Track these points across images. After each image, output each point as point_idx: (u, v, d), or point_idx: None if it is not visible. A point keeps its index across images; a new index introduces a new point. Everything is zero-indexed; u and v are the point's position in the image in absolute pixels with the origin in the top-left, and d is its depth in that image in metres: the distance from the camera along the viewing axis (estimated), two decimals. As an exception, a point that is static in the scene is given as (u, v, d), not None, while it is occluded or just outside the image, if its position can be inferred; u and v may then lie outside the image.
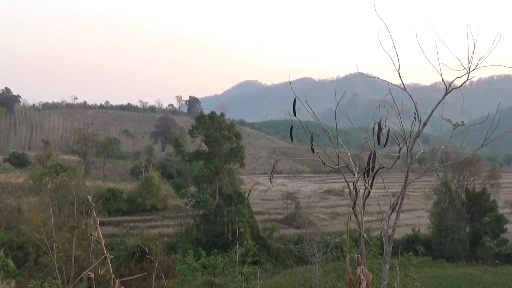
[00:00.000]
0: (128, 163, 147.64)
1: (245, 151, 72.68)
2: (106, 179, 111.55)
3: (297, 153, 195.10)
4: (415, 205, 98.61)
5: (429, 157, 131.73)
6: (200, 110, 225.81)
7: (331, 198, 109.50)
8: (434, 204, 71.43)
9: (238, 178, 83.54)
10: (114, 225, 77.01)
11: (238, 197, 68.67)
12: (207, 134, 68.78)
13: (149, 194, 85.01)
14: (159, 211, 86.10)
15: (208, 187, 68.73)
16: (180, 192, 70.43)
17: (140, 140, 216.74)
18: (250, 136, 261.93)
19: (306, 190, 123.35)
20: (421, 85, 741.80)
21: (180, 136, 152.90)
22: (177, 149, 71.49)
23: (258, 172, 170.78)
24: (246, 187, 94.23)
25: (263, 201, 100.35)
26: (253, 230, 66.65)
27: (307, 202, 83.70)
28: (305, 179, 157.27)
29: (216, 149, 67.76)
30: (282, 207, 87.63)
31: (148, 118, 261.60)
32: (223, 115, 72.56)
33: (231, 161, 70.22)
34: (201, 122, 69.66)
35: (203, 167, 69.02)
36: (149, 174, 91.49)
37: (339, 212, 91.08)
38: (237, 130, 73.29)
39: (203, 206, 65.73)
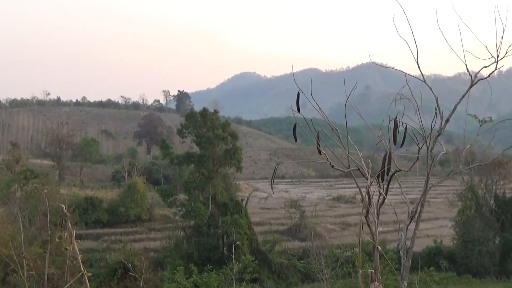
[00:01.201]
0: (109, 168, 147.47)
1: (242, 153, 72.63)
2: (84, 186, 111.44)
3: (301, 155, 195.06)
4: (437, 213, 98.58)
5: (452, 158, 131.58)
6: (191, 106, 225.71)
7: (341, 206, 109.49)
8: (459, 212, 71.42)
9: (234, 183, 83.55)
10: (93, 238, 76.89)
11: (235, 206, 68.61)
12: (199, 134, 68.74)
13: (132, 203, 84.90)
14: (144, 222, 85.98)
15: (200, 195, 68.67)
16: (168, 200, 70.37)
17: (122, 142, 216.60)
18: (247, 136, 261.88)
19: (312, 197, 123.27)
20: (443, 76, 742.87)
21: (168, 137, 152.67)
22: (165, 151, 71.44)
23: (257, 177, 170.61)
24: (243, 194, 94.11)
25: (263, 210, 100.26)
26: (252, 243, 66.59)
27: (314, 210, 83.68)
28: (311, 185, 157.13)
29: (209, 151, 67.72)
30: (285, 217, 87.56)
31: (131, 116, 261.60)
32: (217, 112, 72.50)
33: (226, 165, 70.15)
34: (191, 120, 69.63)
35: (194, 172, 68.96)
36: (133, 180, 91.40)
37: (350, 222, 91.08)
38: (232, 129, 73.24)
39: (195, 216, 65.69)
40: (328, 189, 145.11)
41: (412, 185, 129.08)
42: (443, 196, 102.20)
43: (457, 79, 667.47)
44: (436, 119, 6.05)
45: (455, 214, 72.70)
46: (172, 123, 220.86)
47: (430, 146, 6.08)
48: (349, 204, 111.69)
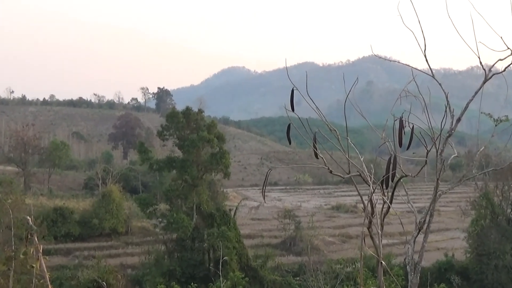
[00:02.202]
0: (80, 175, 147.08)
1: (230, 157, 72.59)
2: (52, 195, 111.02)
3: (296, 159, 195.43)
4: (448, 223, 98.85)
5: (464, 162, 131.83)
6: (172, 105, 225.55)
7: (341, 216, 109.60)
8: (472, 222, 71.55)
9: (221, 192, 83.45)
10: (63, 254, 76.58)
11: (222, 217, 68.53)
12: (181, 136, 68.65)
13: (107, 214, 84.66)
14: (120, 236, 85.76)
15: (183, 204, 68.56)
16: (148, 210, 70.16)
17: (96, 145, 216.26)
18: (236, 138, 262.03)
19: (308, 206, 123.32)
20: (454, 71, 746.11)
21: (147, 139, 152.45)
22: (143, 156, 71.29)
23: (247, 184, 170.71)
24: (232, 203, 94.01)
25: (254, 221, 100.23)
26: (242, 258, 66.54)
27: (310, 221, 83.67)
28: (307, 192, 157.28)
29: (193, 155, 67.65)
30: (278, 229, 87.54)
31: (105, 117, 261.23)
32: (202, 112, 72.44)
33: (212, 170, 70.07)
34: (173, 120, 69.53)
35: (177, 179, 68.86)
36: (108, 188, 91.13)
37: (351, 233, 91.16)
38: (219, 130, 73.17)
39: (177, 229, 65.54)
40: (326, 197, 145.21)
41: (420, 192, 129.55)
42: (454, 204, 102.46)
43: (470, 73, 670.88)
44: (447, 118, 6.06)
45: (468, 224, 72.80)
46: (152, 124, 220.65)
47: (439, 148, 6.10)
48: (350, 214, 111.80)
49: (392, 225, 76.00)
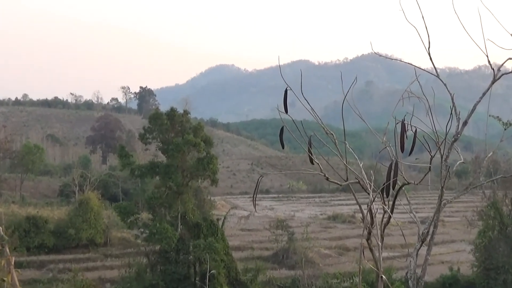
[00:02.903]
0: (55, 181, 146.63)
1: (218, 162, 72.54)
2: (25, 203, 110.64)
3: (290, 164, 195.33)
4: (453, 235, 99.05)
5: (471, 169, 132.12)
6: (155, 106, 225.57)
7: (338, 227, 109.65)
8: (479, 233, 71.68)
9: (208, 200, 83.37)
10: (36, 267, 76.31)
11: (209, 227, 68.48)
12: (165, 139, 68.56)
13: (84, 224, 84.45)
14: (98, 247, 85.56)
15: (167, 213, 68.45)
16: (128, 220, 70.01)
17: (72, 149, 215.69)
18: (225, 142, 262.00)
19: (303, 215, 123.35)
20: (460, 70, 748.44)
21: (128, 143, 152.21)
22: (124, 161, 71.14)
23: (236, 192, 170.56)
24: (220, 212, 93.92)
25: (243, 231, 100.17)
26: (230, 272, 66.49)
27: (305, 232, 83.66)
28: (301, 201, 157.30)
29: (177, 160, 67.55)
30: (270, 240, 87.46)
31: (83, 118, 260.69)
32: (187, 113, 72.37)
33: (198, 177, 69.99)
34: (156, 122, 69.42)
35: (160, 186, 68.75)
36: (85, 195, 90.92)
37: (349, 245, 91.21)
38: (206, 133, 73.12)
39: (160, 240, 65.42)
40: (322, 206, 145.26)
41: (423, 201, 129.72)
42: (460, 214, 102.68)
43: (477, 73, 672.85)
44: (452, 121, 6.08)
45: (475, 236, 72.94)
46: (133, 126, 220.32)
47: (444, 154, 6.11)
48: (348, 224, 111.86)
49: (393, 237, 76.11)
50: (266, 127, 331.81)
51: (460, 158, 6.50)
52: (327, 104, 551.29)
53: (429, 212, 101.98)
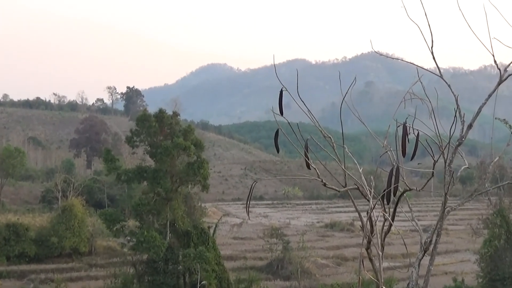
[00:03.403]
0: (37, 186, 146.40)
1: (209, 167, 72.54)
2: (5, 210, 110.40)
3: (285, 169, 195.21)
4: (458, 244, 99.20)
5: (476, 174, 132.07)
6: (143, 107, 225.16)
7: (335, 236, 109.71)
8: (485, 242, 71.76)
9: (199, 207, 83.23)
10: (17, 277, 76.18)
11: (200, 235, 68.47)
12: (154, 142, 68.53)
13: (68, 232, 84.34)
14: (83, 256, 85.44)
15: (155, 221, 68.41)
16: (114, 228, 69.94)
17: (55, 152, 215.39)
18: (216, 145, 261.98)
19: (299, 223, 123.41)
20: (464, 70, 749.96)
21: (114, 146, 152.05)
22: (109, 165, 71.07)
23: (229, 198, 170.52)
24: (211, 220, 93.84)
25: (236, 240, 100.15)
26: (222, 283, 66.47)
27: (301, 241, 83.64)
28: (297, 208, 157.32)
29: (166, 164, 67.53)
30: (263, 249, 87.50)
31: (66, 120, 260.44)
32: (177, 115, 72.36)
33: (188, 182, 69.98)
34: (144, 125, 69.40)
35: (148, 191, 68.71)
36: (68, 201, 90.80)
37: (347, 255, 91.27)
38: (197, 136, 73.14)
39: (148, 249, 65.38)
40: (319, 213, 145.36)
41: (426, 208, 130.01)
42: (464, 222, 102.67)
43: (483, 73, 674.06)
44: (456, 124, 6.09)
45: (480, 245, 73.03)
46: (120, 128, 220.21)
47: (448, 158, 6.12)
48: (346, 232, 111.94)
49: (394, 246, 76.18)
50: (260, 130, 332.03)
51: (464, 163, 6.51)
52: (325, 105, 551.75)
53: (432, 220, 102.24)
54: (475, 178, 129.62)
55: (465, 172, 6.34)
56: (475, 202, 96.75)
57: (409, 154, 5.99)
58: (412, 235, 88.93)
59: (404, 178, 6.05)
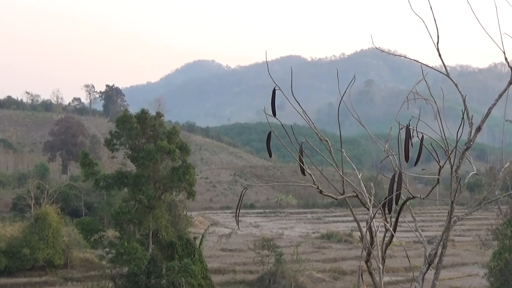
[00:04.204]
0: (8, 192, 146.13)
1: (195, 172, 72.56)
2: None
3: (278, 175, 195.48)
4: (465, 256, 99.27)
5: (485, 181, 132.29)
6: (124, 107, 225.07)
7: (332, 247, 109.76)
8: (494, 255, 71.87)
9: (184, 215, 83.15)
10: (-15, 292, 76.11)
11: (185, 247, 68.46)
12: (135, 145, 68.51)
13: (41, 242, 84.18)
14: (57, 269, 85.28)
15: (137, 231, 68.36)
16: (92, 238, 69.89)
17: (28, 156, 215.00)
18: (203, 149, 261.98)
19: (292, 234, 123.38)
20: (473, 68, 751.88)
21: (92, 149, 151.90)
22: (87, 170, 71.01)
23: (217, 207, 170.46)
24: (197, 230, 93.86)
25: (224, 252, 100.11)
26: (209, 299, 66.44)
27: (295, 253, 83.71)
28: (291, 217, 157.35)
29: (149, 169, 67.51)
30: (254, 262, 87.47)
31: (40, 121, 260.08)
32: (161, 116, 72.35)
33: (173, 189, 69.96)
34: (125, 126, 69.36)
35: (129, 199, 68.68)
36: (42, 210, 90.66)
37: (345, 268, 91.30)
38: (182, 139, 73.15)
39: (129, 261, 65.33)
40: (315, 223, 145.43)
41: (431, 218, 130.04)
42: (472, 233, 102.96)
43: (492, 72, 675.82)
44: (464, 126, 6.10)
45: (489, 258, 73.16)
46: (98, 130, 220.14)
47: (455, 164, 6.13)
48: (344, 244, 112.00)
49: (396, 259, 76.27)
50: (251, 132, 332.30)
51: (472, 169, 6.51)
52: (321, 106, 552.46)
53: (437, 230, 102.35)
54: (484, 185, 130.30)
55: (473, 178, 6.34)
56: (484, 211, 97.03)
57: (413, 159, 6.00)
58: (416, 247, 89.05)
59: (407, 185, 6.06)
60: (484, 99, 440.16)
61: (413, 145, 5.99)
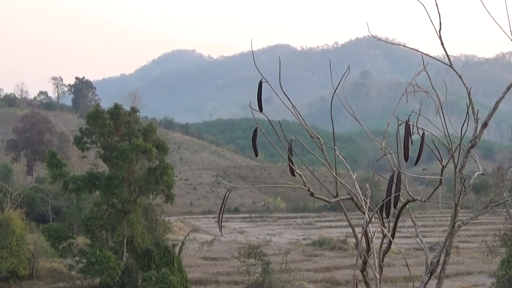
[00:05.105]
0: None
1: (174, 173, 72.53)
2: None
3: (265, 176, 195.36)
4: (470, 265, 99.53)
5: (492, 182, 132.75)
6: (95, 102, 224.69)
7: (325, 255, 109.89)
8: (502, 263, 72.12)
9: (162, 221, 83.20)
10: None
11: (163, 255, 68.43)
12: (108, 144, 68.44)
13: (4, 251, 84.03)
14: (22, 281, 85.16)
15: (110, 238, 68.30)
16: (60, 246, 69.85)
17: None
18: (183, 148, 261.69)
19: (281, 240, 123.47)
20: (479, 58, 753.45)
21: (60, 148, 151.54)
22: (55, 171, 70.92)
23: (198, 211, 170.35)
24: (176, 236, 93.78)
25: (206, 261, 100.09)
26: (190, 312, 66.45)
27: (284, 261, 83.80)
28: (279, 222, 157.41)
29: (123, 170, 67.46)
30: (239, 272, 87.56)
31: (2, 117, 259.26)
32: (136, 111, 72.30)
33: (149, 192, 69.94)
34: (96, 123, 69.29)
35: (101, 203, 68.60)
36: (5, 215, 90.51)
37: (339, 278, 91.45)
38: (160, 136, 73.12)
39: (101, 271, 65.28)
40: (306, 228, 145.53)
41: (433, 222, 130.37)
42: (478, 239, 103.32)
43: (500, 62, 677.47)
44: (469, 122, 6.11)
45: (497, 266, 73.39)
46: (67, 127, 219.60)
47: (459, 163, 6.14)
48: (338, 251, 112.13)
49: (394, 267, 76.42)
50: (236, 129, 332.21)
51: (478, 169, 6.53)
52: (313, 100, 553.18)
53: (439, 236, 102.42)
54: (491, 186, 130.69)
55: (479, 179, 6.36)
56: (491, 215, 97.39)
57: (413, 158, 6.01)
58: (416, 255, 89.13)
59: (407, 187, 6.07)
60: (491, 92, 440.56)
61: (413, 142, 6.00)
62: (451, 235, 6.16)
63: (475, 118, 6.12)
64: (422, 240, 6.43)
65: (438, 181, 6.29)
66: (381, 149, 6.19)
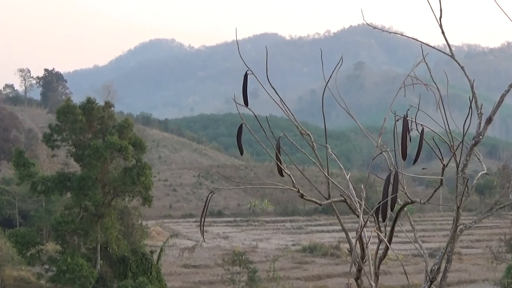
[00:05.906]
0: None
1: (152, 173, 72.48)
2: None
3: (251, 176, 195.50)
4: (473, 272, 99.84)
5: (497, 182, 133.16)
6: (66, 95, 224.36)
7: (316, 262, 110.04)
8: (508, 270, 72.33)
9: (139, 225, 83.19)
10: None
11: (140, 262, 68.41)
12: (80, 142, 68.34)
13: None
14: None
15: (82, 244, 68.23)
16: (28, 253, 69.73)
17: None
18: (162, 146, 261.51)
19: (269, 246, 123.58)
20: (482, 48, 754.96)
21: (28, 146, 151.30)
22: (22, 171, 70.77)
23: (178, 214, 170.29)
24: (155, 242, 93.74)
25: (187, 268, 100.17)
26: (169, 325, 66.46)
27: (271, 269, 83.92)
28: (266, 226, 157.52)
29: (96, 170, 67.36)
30: (223, 281, 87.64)
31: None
32: (110, 106, 72.20)
33: (125, 194, 69.88)
34: (67, 119, 69.17)
35: (72, 206, 68.52)
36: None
37: (331, 287, 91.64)
38: (136, 133, 73.05)
39: (73, 280, 65.20)
40: (295, 233, 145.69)
41: (433, 226, 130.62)
42: (482, 244, 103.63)
43: (505, 52, 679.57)
44: (472, 117, 6.12)
45: (503, 273, 73.63)
46: (35, 123, 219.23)
47: (461, 162, 6.15)
48: (330, 258, 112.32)
49: (391, 275, 76.60)
50: (219, 125, 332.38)
51: (482, 168, 6.54)
52: (303, 93, 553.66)
53: (440, 241, 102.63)
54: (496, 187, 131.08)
55: (483, 179, 6.37)
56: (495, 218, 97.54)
57: (411, 157, 6.01)
58: (415, 261, 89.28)
59: (405, 188, 6.08)
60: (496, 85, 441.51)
61: (411, 139, 6.00)
62: (453, 240, 6.17)
63: (478, 113, 6.13)
64: (422, 245, 6.44)
65: (438, 182, 6.29)
66: (377, 147, 6.20)
